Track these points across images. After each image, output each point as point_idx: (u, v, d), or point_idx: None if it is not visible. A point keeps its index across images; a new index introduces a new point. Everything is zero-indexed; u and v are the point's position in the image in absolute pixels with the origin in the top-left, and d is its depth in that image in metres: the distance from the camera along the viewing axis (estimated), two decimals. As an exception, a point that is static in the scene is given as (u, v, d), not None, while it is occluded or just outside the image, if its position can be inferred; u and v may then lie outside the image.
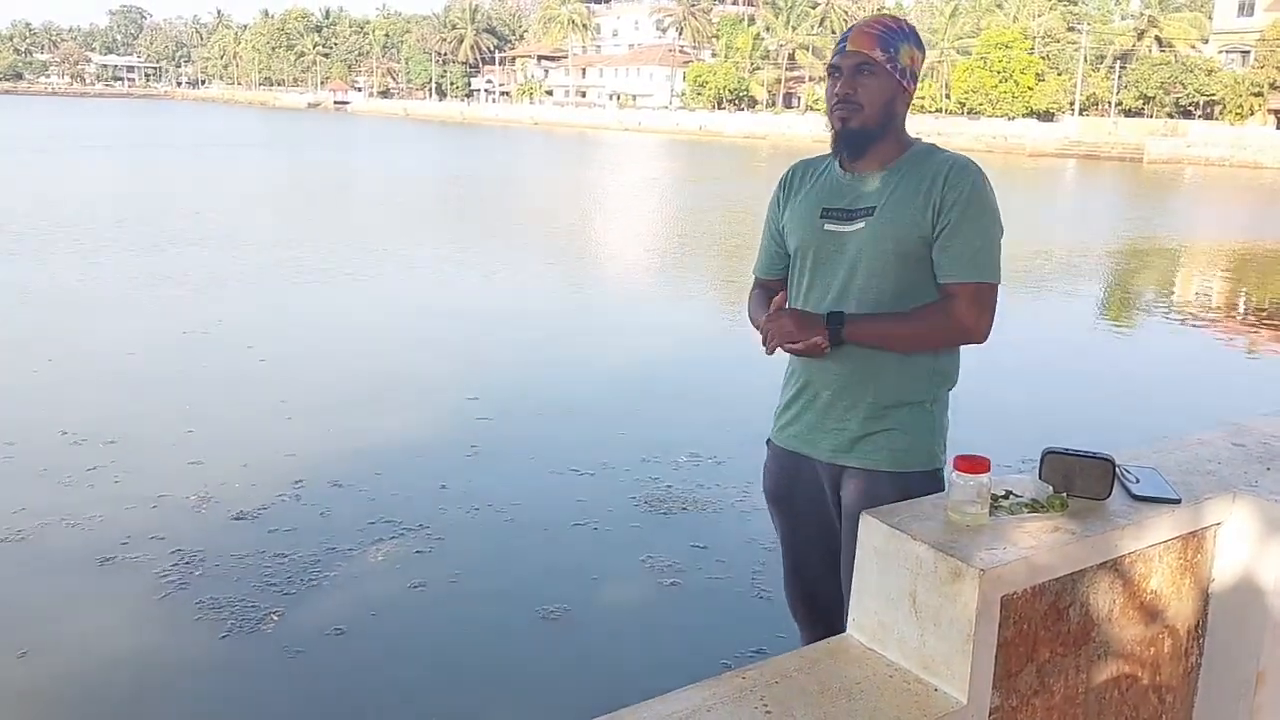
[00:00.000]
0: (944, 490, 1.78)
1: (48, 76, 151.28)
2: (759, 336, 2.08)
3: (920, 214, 1.99)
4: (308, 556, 4.17)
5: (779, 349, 2.07)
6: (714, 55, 79.10)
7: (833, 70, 2.06)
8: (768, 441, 2.26)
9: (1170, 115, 50.42)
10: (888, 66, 2.01)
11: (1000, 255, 2.03)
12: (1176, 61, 51.68)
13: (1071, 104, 54.45)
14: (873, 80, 2.01)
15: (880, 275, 2.02)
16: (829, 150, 2.18)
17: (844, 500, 2.10)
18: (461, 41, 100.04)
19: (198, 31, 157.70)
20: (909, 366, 2.05)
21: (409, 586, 3.96)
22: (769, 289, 2.25)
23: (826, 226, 2.07)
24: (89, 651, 3.48)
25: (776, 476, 2.24)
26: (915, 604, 1.52)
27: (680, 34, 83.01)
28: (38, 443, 5.56)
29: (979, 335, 2.03)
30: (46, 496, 4.77)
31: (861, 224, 2.03)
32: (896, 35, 2.03)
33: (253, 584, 3.92)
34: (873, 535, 1.60)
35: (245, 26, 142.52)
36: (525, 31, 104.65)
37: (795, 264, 2.15)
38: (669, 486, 5.09)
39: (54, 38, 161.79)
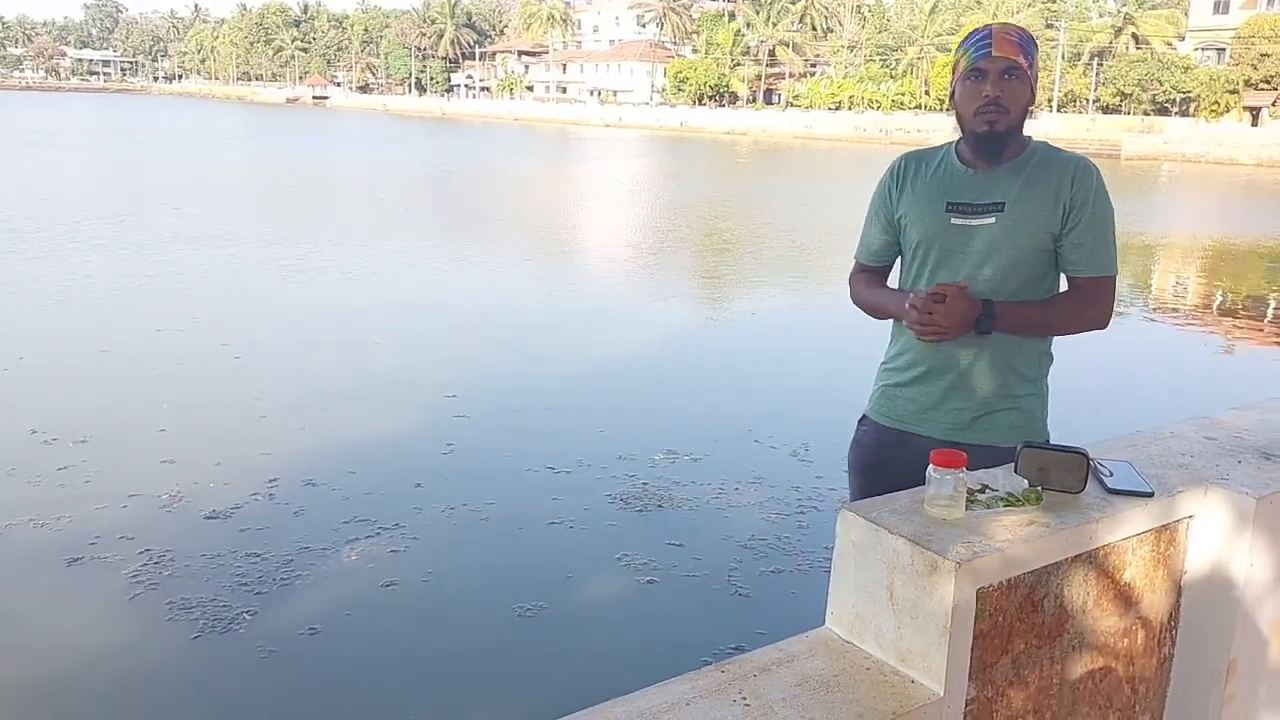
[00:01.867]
0: None
1: (22, 71, 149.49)
2: (907, 317, 2.14)
3: (1051, 210, 2.09)
4: (281, 556, 4.13)
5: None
6: (695, 51, 79.18)
7: (977, 74, 2.09)
8: (862, 418, 2.34)
9: (1147, 112, 50.93)
10: (1029, 72, 2.10)
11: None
12: (1153, 59, 52.21)
13: (1049, 101, 54.86)
14: (1017, 84, 2.09)
15: (1009, 268, 2.10)
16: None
17: None
18: (441, 36, 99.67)
19: (174, 25, 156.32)
20: (1026, 350, 2.17)
21: (383, 585, 3.93)
22: (874, 274, 2.34)
23: (953, 220, 2.13)
24: (58, 653, 3.43)
25: (873, 450, 2.30)
26: (893, 597, 1.52)
27: (661, 30, 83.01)
28: (6, 441, 5.48)
29: (1106, 322, 2.18)
30: (14, 496, 4.70)
31: (992, 219, 2.10)
32: (1030, 43, 2.11)
33: (225, 584, 3.87)
34: (851, 529, 1.60)
35: (223, 20, 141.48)
36: (505, 27, 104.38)
37: (915, 254, 2.21)
38: (645, 484, 5.07)
39: (28, 31, 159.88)
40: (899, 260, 2.30)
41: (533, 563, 4.22)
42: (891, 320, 2.28)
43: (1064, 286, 2.20)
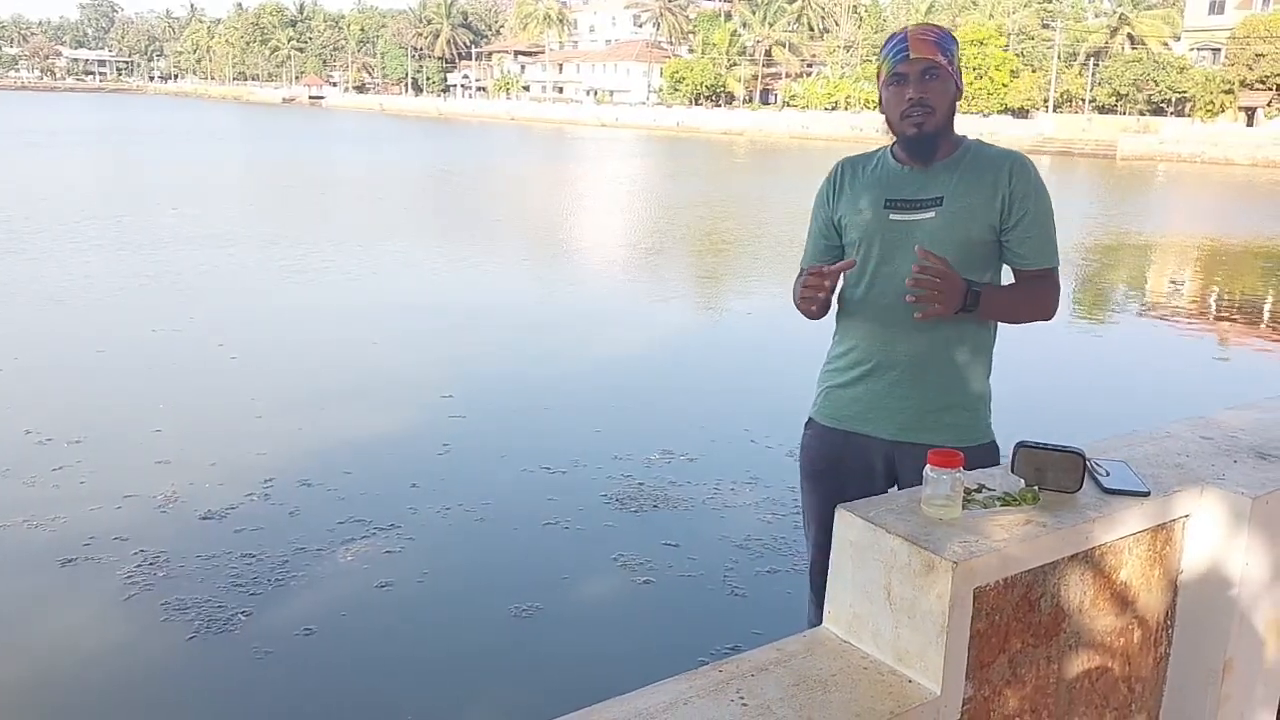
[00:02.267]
0: (999, 463, 1.91)
1: (17, 71, 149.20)
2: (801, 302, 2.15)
3: (989, 204, 2.12)
4: (276, 556, 4.12)
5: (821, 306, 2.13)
6: (691, 51, 79.16)
7: (898, 78, 2.12)
8: (809, 421, 2.34)
9: (1142, 112, 51.00)
10: (949, 69, 2.12)
11: None
12: (1149, 59, 52.29)
13: (1045, 101, 54.95)
14: (939, 84, 2.11)
15: (950, 261, 2.09)
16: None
17: (903, 477, 2.19)
18: (438, 36, 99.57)
19: (170, 25, 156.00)
20: (971, 347, 2.17)
21: (379, 586, 3.92)
22: None
23: (892, 217, 2.15)
24: (53, 654, 3.42)
25: (820, 453, 2.30)
26: (890, 597, 1.52)
27: (657, 30, 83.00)
28: (1, 442, 5.46)
29: (1054, 313, 2.22)
30: (9, 496, 4.69)
31: (931, 213, 2.13)
32: (949, 40, 2.14)
33: (220, 584, 3.86)
34: (848, 529, 1.60)
35: (219, 20, 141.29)
36: (502, 27, 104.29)
37: (856, 252, 2.21)
38: (641, 484, 5.06)
39: (23, 31, 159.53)
40: None
41: (528, 563, 4.22)
42: (836, 318, 2.28)
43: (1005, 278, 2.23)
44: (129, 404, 6.30)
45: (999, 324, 2.25)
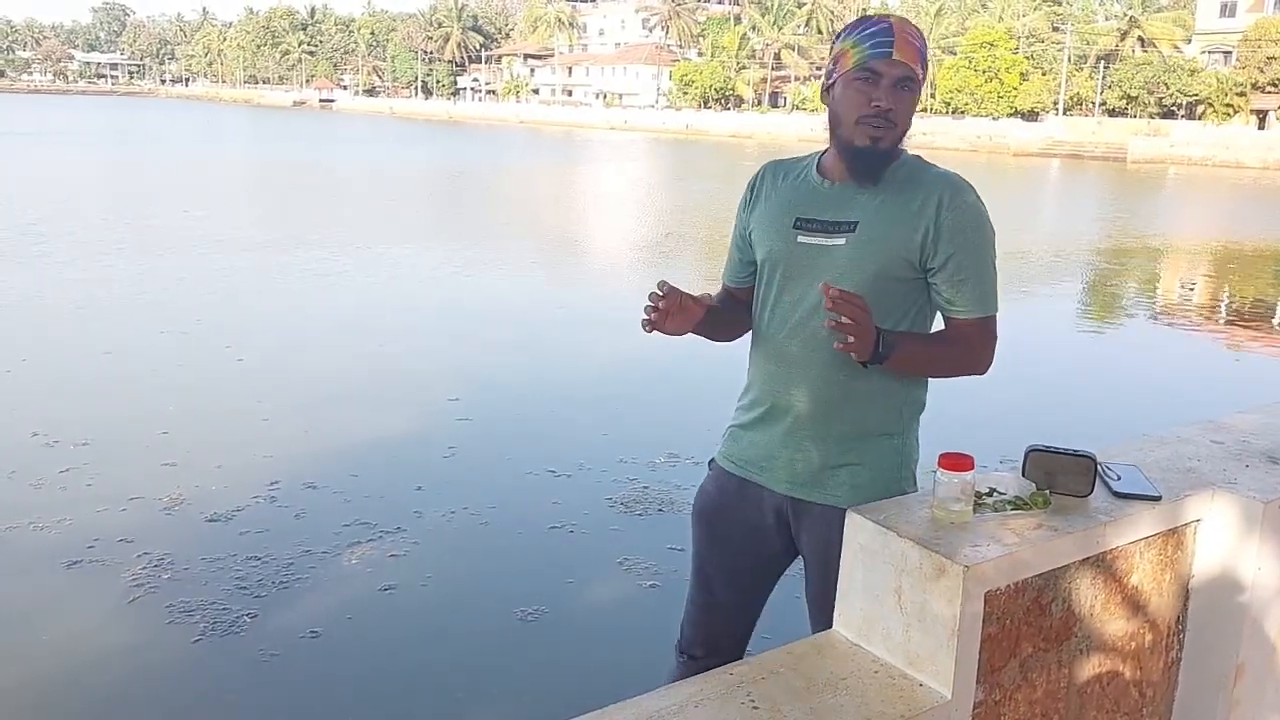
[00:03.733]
0: None
1: (30, 74, 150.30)
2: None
3: (909, 236, 1.82)
4: (282, 559, 4.11)
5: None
6: (700, 54, 79.27)
7: (869, 75, 1.80)
8: (710, 461, 2.10)
9: (1153, 115, 50.83)
10: (920, 85, 1.85)
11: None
12: (1159, 61, 52.13)
13: (1056, 104, 54.84)
14: (909, 96, 1.83)
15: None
16: (804, 153, 2.02)
17: (802, 539, 1.98)
18: (447, 40, 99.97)
19: (181, 29, 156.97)
20: (881, 396, 1.89)
21: (384, 589, 3.91)
22: (736, 299, 2.07)
23: (800, 238, 1.89)
24: (57, 656, 3.42)
25: (713, 498, 2.07)
26: (900, 600, 1.53)
27: (666, 33, 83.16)
28: (7, 444, 5.47)
29: (987, 367, 1.92)
30: (15, 498, 4.69)
31: (842, 240, 1.86)
32: (926, 50, 1.87)
33: (225, 587, 3.85)
34: (859, 532, 1.60)
35: (230, 24, 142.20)
36: (511, 30, 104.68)
37: (763, 275, 1.97)
38: (646, 488, 5.05)
39: (36, 35, 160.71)
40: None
41: (533, 566, 4.21)
42: (750, 349, 2.03)
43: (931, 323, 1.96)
44: (136, 406, 6.32)
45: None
